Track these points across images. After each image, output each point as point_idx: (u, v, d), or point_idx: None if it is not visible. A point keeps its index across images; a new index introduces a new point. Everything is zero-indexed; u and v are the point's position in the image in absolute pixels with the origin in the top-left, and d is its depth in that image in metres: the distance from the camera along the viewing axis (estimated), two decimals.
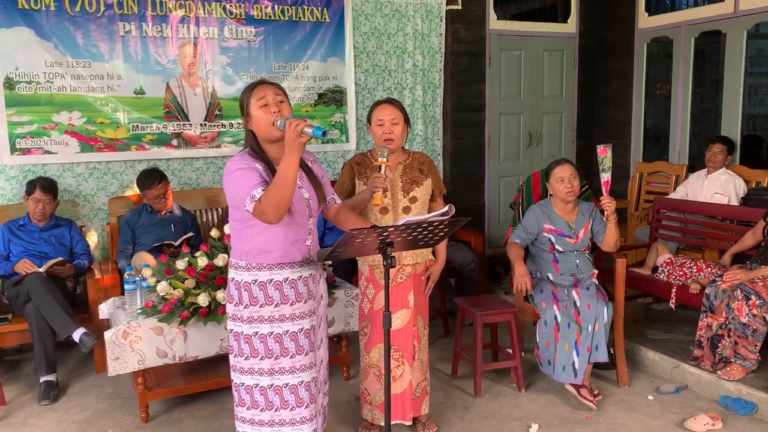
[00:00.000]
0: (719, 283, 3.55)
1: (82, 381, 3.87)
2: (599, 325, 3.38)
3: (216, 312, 3.20)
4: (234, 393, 2.41)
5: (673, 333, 4.17)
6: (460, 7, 5.49)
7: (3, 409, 3.52)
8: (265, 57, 4.90)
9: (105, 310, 3.53)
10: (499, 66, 5.77)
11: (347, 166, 3.05)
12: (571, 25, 6.08)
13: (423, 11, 5.37)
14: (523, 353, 3.82)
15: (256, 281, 2.31)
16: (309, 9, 4.97)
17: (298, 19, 4.96)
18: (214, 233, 3.49)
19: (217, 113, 4.82)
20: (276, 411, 2.36)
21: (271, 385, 2.35)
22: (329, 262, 3.55)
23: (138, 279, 3.34)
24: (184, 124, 4.73)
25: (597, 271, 3.65)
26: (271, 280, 2.31)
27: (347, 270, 4.15)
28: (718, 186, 4.72)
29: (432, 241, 2.43)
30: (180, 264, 3.30)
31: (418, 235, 2.31)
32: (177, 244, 4.05)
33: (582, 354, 3.36)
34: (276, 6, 4.86)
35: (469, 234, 4.86)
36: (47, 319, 3.58)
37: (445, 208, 2.41)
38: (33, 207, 3.96)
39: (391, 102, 2.93)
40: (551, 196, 3.62)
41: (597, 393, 3.48)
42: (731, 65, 5.19)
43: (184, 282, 3.24)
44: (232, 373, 2.41)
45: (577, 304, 3.44)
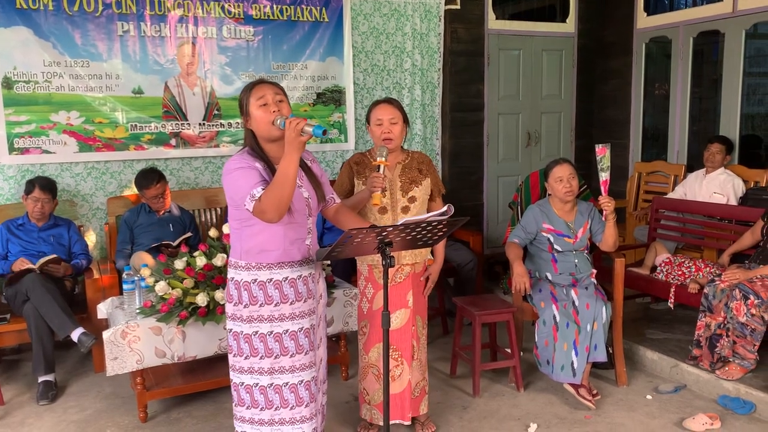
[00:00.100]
0: (718, 283, 3.56)
1: (80, 381, 3.86)
2: (598, 325, 3.38)
3: (215, 312, 3.20)
4: (233, 392, 2.41)
5: (672, 332, 4.18)
6: (458, 7, 5.49)
7: (1, 409, 3.52)
8: (264, 56, 4.89)
9: (103, 309, 3.52)
10: (498, 66, 5.77)
11: (346, 165, 3.04)
12: (570, 25, 6.09)
13: (421, 11, 5.37)
14: (522, 353, 3.82)
15: (255, 280, 2.30)
16: (308, 8, 4.97)
17: (296, 19, 4.95)
18: (212, 233, 3.48)
19: (216, 113, 4.82)
20: (276, 410, 2.36)
21: (271, 384, 2.35)
22: (328, 261, 3.55)
23: (136, 279, 3.33)
24: (182, 123, 4.73)
25: (596, 271, 3.65)
26: (271, 279, 2.30)
27: (346, 270, 4.15)
28: (716, 186, 4.72)
29: (431, 241, 2.43)
30: (178, 264, 3.30)
31: (417, 235, 2.31)
32: (175, 243, 4.04)
33: (581, 354, 3.36)
34: (274, 5, 4.86)
35: (468, 234, 4.86)
36: (46, 319, 3.58)
37: (444, 207, 2.40)
38: (32, 206, 3.95)
39: (390, 102, 2.93)
40: (550, 195, 3.62)
41: (596, 393, 3.48)
42: (730, 65, 5.19)
43: (182, 282, 3.24)
44: (231, 373, 2.41)
45: (576, 303, 3.44)
